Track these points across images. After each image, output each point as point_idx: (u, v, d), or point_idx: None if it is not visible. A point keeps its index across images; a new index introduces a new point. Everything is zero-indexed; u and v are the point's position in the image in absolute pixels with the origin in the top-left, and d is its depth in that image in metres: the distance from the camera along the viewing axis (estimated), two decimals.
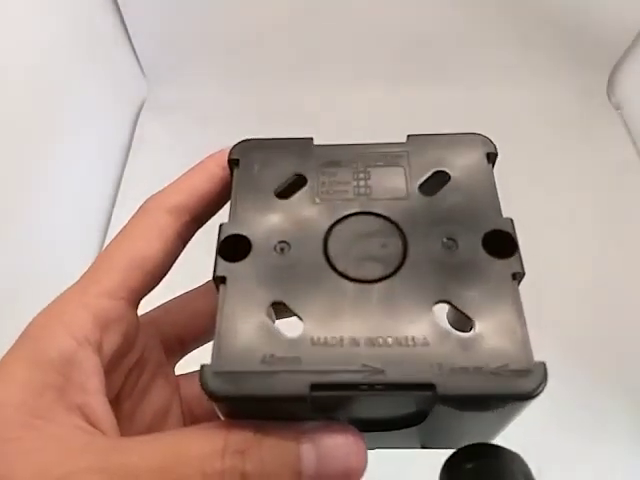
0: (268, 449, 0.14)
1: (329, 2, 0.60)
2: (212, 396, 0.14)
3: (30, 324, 0.17)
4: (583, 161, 0.60)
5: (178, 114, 0.64)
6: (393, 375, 0.14)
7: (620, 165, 0.60)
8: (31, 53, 0.46)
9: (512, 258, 0.16)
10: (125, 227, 0.19)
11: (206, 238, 0.20)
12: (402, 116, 0.62)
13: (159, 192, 0.19)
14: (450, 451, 0.30)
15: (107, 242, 0.60)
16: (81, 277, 0.18)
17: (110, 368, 0.17)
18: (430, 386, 0.14)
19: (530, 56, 0.64)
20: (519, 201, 0.57)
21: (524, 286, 0.16)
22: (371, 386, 0.14)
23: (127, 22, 0.60)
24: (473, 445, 0.30)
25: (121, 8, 0.58)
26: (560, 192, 0.58)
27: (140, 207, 0.19)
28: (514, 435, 0.32)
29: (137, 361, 0.19)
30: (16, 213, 0.44)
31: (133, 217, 0.19)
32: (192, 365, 0.21)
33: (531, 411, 0.49)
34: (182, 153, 0.63)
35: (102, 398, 0.16)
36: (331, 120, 0.61)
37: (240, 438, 0.14)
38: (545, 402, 0.51)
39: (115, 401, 0.19)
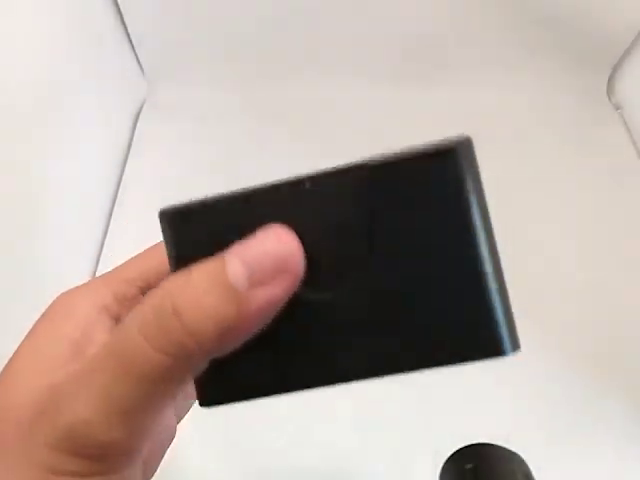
0: (195, 276, 0.14)
1: (329, 2, 0.60)
2: (164, 215, 0.16)
3: (60, 295, 0.19)
4: (583, 161, 0.60)
5: (178, 114, 0.64)
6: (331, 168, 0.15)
7: (620, 165, 0.60)
8: (31, 53, 0.46)
9: None
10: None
11: None
12: (402, 116, 0.62)
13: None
14: (450, 451, 0.30)
15: (107, 242, 0.60)
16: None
17: None
18: (364, 165, 0.15)
19: (530, 56, 0.64)
20: (519, 201, 0.57)
21: (524, 286, 0.16)
22: (314, 178, 0.15)
23: (127, 22, 0.60)
24: (473, 445, 0.30)
25: (121, 8, 0.59)
26: (560, 192, 0.58)
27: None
28: (514, 435, 0.32)
29: None
30: (16, 213, 0.44)
31: None
32: None
33: (531, 411, 0.49)
34: (182, 153, 0.63)
35: None
36: (331, 120, 0.61)
37: (171, 279, 0.15)
38: (545, 402, 0.51)
39: None
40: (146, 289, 0.19)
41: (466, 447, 0.29)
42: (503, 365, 0.15)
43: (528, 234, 0.55)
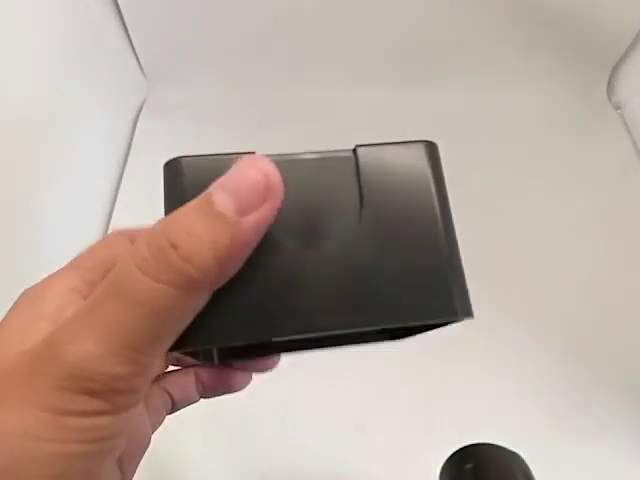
0: (187, 212, 0.15)
1: (329, 2, 0.60)
2: (167, 165, 0.18)
3: (25, 290, 0.19)
4: (583, 161, 0.60)
5: (178, 114, 0.64)
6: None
7: (620, 165, 0.60)
8: (31, 53, 0.46)
9: None
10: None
11: None
12: (402, 116, 0.62)
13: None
14: (450, 451, 0.30)
15: None
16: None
17: None
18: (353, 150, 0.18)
19: (530, 56, 0.64)
20: (519, 201, 0.57)
21: (525, 286, 0.16)
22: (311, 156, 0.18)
23: (127, 22, 0.60)
24: (473, 445, 0.30)
25: (121, 8, 0.59)
26: (560, 192, 0.58)
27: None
28: (514, 435, 0.32)
29: None
30: (16, 213, 0.44)
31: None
32: None
33: (532, 410, 0.49)
34: (182, 153, 0.63)
35: None
36: (331, 120, 0.61)
37: (162, 220, 0.15)
38: (546, 402, 0.51)
39: None
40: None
41: (466, 447, 0.29)
42: (503, 365, 0.15)
43: (528, 234, 0.55)
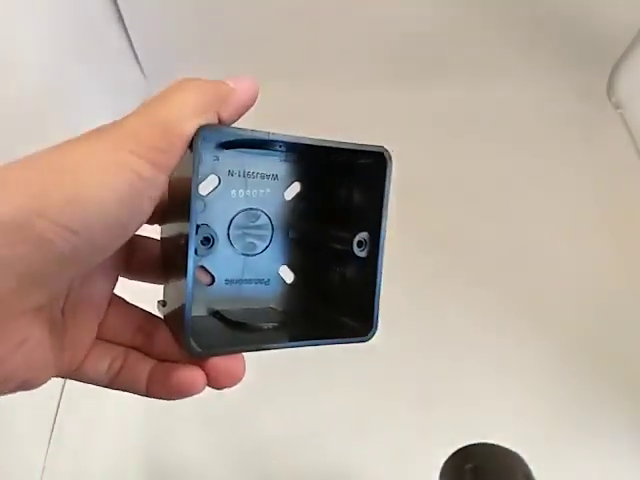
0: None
1: (329, 2, 0.60)
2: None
3: None
4: (583, 161, 0.60)
5: None
6: None
7: (620, 165, 0.60)
8: (31, 53, 0.46)
9: None
10: None
11: None
12: (402, 116, 0.62)
13: None
14: (450, 451, 0.30)
15: None
16: None
17: None
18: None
19: (530, 56, 0.64)
20: (519, 201, 0.57)
21: (525, 286, 0.16)
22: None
23: (127, 22, 0.60)
24: (473, 445, 0.30)
25: (121, 8, 0.59)
26: (560, 192, 0.58)
27: None
28: (514, 435, 0.32)
29: None
30: None
31: None
32: None
33: (532, 410, 0.48)
34: None
35: None
36: (331, 120, 0.61)
37: None
38: (546, 402, 0.50)
39: None
40: None
41: (466, 447, 0.29)
42: (503, 365, 0.15)
43: (528, 234, 0.55)
